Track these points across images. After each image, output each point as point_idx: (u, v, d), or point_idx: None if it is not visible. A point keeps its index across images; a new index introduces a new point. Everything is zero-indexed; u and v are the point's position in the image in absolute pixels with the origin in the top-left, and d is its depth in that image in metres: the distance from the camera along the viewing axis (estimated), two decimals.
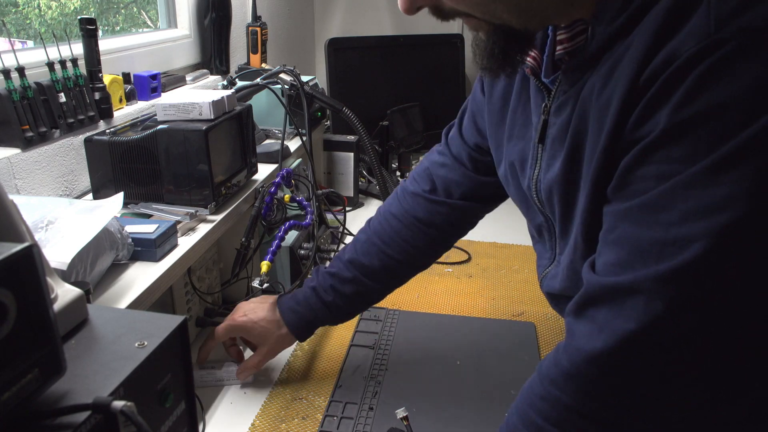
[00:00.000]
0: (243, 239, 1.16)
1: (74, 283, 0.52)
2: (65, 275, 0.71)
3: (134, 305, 0.80)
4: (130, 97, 1.29)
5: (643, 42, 0.56)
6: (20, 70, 0.98)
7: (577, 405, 0.61)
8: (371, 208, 1.83)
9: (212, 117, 1.03)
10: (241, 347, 1.07)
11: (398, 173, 1.98)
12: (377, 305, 1.26)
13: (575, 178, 0.67)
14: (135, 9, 1.75)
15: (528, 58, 0.71)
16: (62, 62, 1.06)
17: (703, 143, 0.52)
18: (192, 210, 1.02)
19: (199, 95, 1.06)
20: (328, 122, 1.91)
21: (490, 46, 0.65)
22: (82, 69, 1.12)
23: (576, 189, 0.67)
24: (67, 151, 1.08)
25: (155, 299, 0.87)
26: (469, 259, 1.50)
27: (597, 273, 0.62)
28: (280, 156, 1.35)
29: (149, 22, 1.75)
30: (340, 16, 2.59)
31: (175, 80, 1.48)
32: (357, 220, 1.72)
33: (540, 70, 0.71)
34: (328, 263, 1.03)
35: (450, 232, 1.00)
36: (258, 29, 1.79)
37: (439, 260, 1.48)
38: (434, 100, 2.27)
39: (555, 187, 0.70)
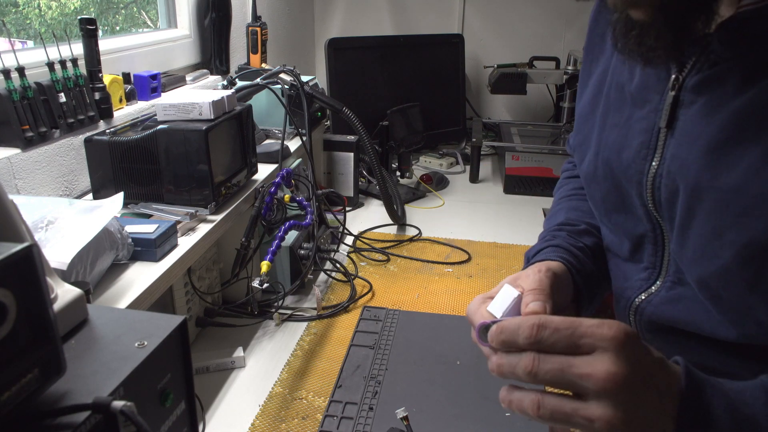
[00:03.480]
0: (243, 239, 1.16)
1: (74, 283, 0.52)
2: (65, 275, 0.71)
3: (134, 305, 0.80)
4: (130, 97, 1.29)
5: None
6: (20, 70, 0.98)
7: None
8: (371, 208, 1.83)
9: (212, 117, 1.03)
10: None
11: (398, 173, 1.98)
12: (377, 305, 1.26)
13: (721, 178, 0.52)
14: (135, 9, 1.75)
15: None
16: (62, 62, 1.06)
17: None
18: (192, 210, 1.02)
19: (199, 95, 1.06)
20: (328, 122, 1.91)
21: (659, 25, 0.51)
22: (82, 69, 1.12)
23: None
24: (67, 151, 1.08)
25: (155, 299, 0.87)
26: (469, 259, 1.50)
27: None
28: (280, 156, 1.34)
29: (149, 22, 1.75)
30: (340, 16, 2.59)
31: (175, 80, 1.48)
32: (357, 220, 1.72)
33: None
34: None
35: None
36: (258, 29, 1.79)
37: (439, 260, 1.49)
38: (434, 100, 2.27)
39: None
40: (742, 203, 0.50)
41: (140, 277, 0.86)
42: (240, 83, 1.44)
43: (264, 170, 1.30)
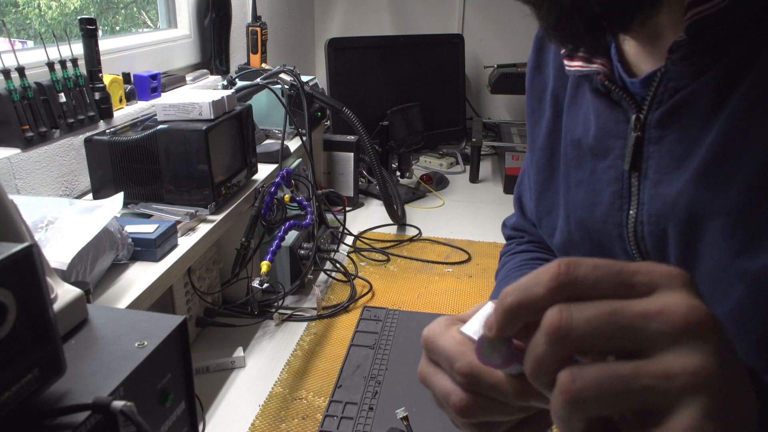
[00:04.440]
0: (243, 239, 1.16)
1: (74, 283, 0.52)
2: (65, 275, 0.71)
3: (134, 305, 0.80)
4: (130, 97, 1.29)
5: None
6: (20, 70, 0.98)
7: None
8: (371, 208, 1.83)
9: (212, 117, 1.03)
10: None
11: (398, 173, 1.98)
12: (377, 305, 1.26)
13: (721, 201, 0.46)
14: (135, 9, 1.75)
15: (595, 65, 0.53)
16: (62, 62, 1.06)
17: None
18: (192, 210, 1.02)
19: (199, 95, 1.06)
20: (328, 122, 1.91)
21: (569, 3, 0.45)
22: (82, 69, 1.12)
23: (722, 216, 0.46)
24: (67, 151, 1.08)
25: (155, 299, 0.87)
26: (469, 259, 1.50)
27: None
28: (280, 156, 1.35)
29: (149, 22, 1.75)
30: (340, 16, 2.59)
31: (175, 80, 1.48)
32: (357, 220, 1.72)
33: (614, 75, 0.53)
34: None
35: None
36: (258, 29, 1.79)
37: (439, 260, 1.49)
38: (434, 100, 2.27)
39: (683, 217, 0.49)
40: (751, 221, 0.44)
41: (140, 277, 0.86)
42: (240, 83, 1.44)
43: (264, 170, 1.30)
